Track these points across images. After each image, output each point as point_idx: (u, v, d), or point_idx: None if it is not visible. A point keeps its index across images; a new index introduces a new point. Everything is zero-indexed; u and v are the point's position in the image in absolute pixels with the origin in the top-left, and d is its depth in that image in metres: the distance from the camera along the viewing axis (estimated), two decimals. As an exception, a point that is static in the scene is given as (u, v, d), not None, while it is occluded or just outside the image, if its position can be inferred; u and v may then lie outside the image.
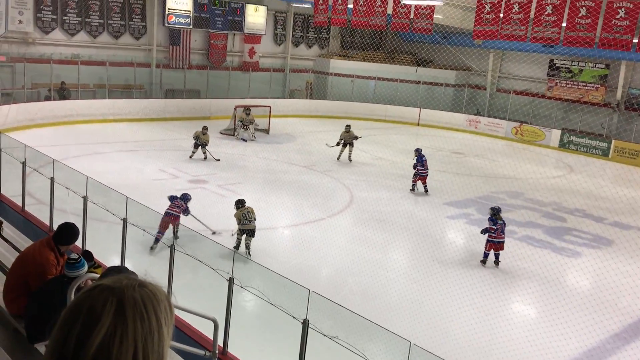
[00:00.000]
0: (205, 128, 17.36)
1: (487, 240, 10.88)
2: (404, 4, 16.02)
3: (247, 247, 10.02)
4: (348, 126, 18.80)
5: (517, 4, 13.58)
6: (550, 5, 13.24)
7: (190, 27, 25.55)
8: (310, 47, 31.25)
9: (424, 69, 29.76)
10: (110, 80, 23.00)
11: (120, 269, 4.14)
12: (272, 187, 15.15)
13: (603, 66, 25.20)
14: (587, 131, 25.31)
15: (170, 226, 9.86)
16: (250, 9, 27.46)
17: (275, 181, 15.76)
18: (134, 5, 24.13)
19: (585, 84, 25.80)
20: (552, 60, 26.71)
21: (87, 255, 5.12)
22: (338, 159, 18.54)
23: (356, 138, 18.51)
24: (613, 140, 23.75)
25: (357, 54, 31.42)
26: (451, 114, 28.39)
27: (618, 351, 7.98)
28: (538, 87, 27.71)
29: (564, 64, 26.41)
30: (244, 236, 10.14)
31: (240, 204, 10.41)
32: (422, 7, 16.21)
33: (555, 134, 25.30)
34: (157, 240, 9.76)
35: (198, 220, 10.69)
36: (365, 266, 10.15)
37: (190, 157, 17.12)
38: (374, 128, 26.21)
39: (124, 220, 7.70)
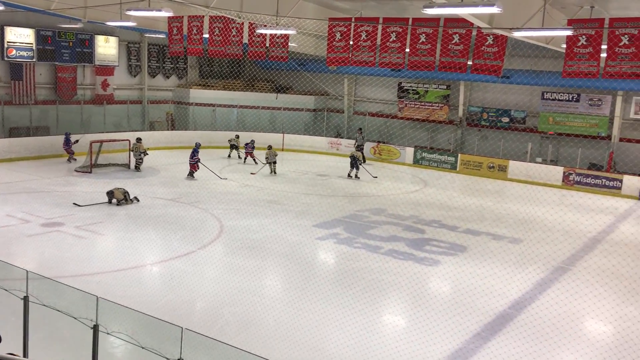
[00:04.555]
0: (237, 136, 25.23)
1: None
2: (258, 33, 16.33)
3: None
4: (138, 138, 22.04)
5: (364, 32, 14.44)
6: (394, 33, 14.25)
7: (34, 60, 23.89)
8: (168, 77, 30.60)
9: (284, 95, 30.54)
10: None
11: None
12: (136, 224, 14.50)
13: (445, 87, 27.54)
14: (437, 147, 27.44)
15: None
16: (100, 39, 26.31)
17: (140, 217, 15.11)
18: (-34, 38, 22.10)
19: (431, 104, 27.98)
20: (400, 83, 28.72)
21: None
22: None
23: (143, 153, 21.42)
24: (459, 155, 25.93)
25: (216, 83, 31.35)
26: (313, 137, 29.31)
27: (479, 350, 8.63)
28: (390, 108, 29.59)
29: (410, 86, 28.49)
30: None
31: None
32: (277, 36, 16.63)
33: (409, 151, 27.07)
34: (190, 175, 20.33)
35: (207, 168, 19.46)
36: (239, 295, 10.05)
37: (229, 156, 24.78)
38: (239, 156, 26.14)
39: (-34, 276, 6.93)
